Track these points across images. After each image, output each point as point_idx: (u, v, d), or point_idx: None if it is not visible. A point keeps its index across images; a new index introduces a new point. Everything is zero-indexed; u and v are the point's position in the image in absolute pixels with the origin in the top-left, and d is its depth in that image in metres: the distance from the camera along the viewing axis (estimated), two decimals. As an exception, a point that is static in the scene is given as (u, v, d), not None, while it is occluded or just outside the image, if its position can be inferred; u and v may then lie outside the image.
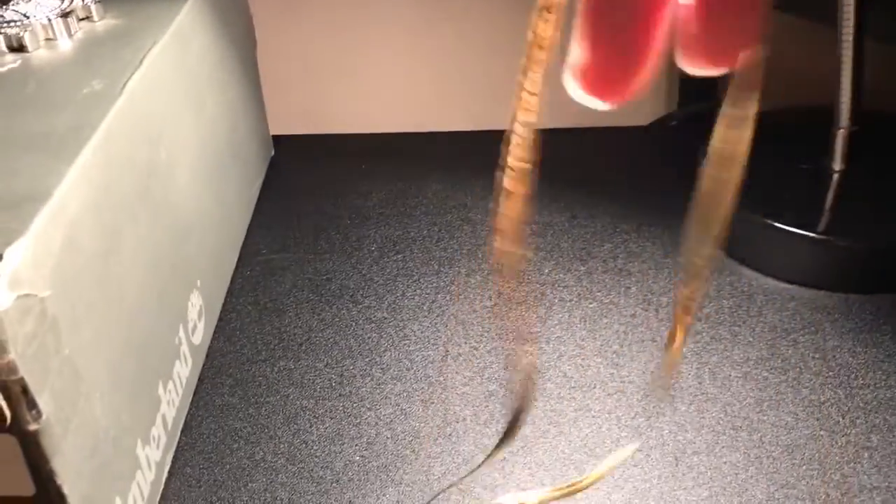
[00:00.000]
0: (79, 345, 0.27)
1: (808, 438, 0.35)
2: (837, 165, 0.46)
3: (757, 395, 0.37)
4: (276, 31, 0.59)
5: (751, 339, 0.40)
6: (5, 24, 0.38)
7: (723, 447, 0.35)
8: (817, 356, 0.39)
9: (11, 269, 0.23)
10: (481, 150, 0.59)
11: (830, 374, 0.38)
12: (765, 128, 0.55)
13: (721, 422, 0.36)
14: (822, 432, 0.35)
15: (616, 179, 0.54)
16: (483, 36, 0.60)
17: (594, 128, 0.60)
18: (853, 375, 0.38)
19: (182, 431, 0.37)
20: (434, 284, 0.45)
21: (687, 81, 0.59)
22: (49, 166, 0.28)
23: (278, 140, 0.58)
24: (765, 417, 0.36)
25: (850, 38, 0.43)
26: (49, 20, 0.39)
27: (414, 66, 0.62)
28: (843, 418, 0.36)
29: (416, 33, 0.61)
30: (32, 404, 0.24)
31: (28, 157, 0.29)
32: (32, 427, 0.24)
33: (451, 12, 0.59)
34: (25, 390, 0.24)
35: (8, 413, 0.24)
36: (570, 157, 0.56)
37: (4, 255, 0.24)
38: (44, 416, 0.24)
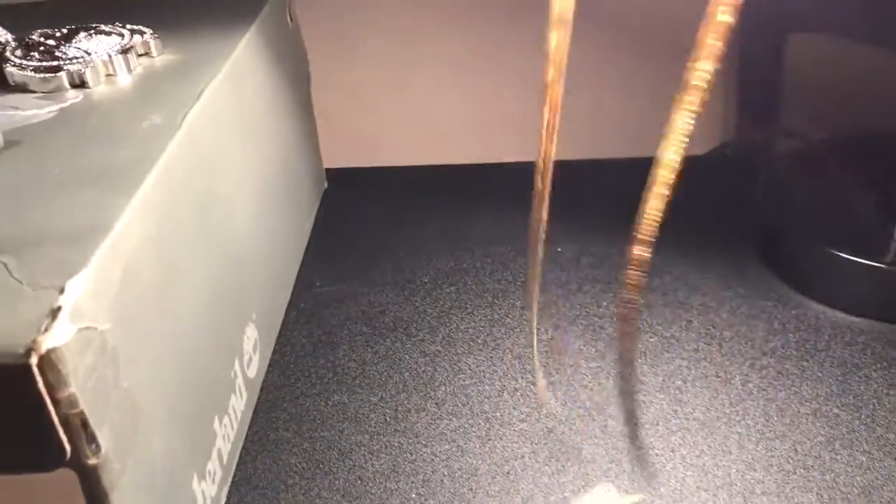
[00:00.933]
0: (137, 378, 0.27)
1: (886, 479, 0.33)
2: (906, 194, 0.45)
3: (828, 433, 0.36)
4: (329, 64, 0.59)
5: (820, 375, 0.39)
6: (67, 62, 0.39)
7: (794, 487, 0.33)
8: (892, 393, 0.38)
9: (73, 302, 0.23)
10: (528, 181, 0.59)
11: (906, 411, 0.36)
12: (832, 156, 0.54)
13: (791, 461, 0.35)
14: (899, 473, 0.34)
15: (672, 210, 0.53)
16: (531, 68, 0.60)
17: (649, 157, 0.59)
18: (931, 413, 0.36)
19: (237, 466, 0.36)
20: (488, 317, 0.44)
21: (744, 110, 0.58)
22: (110, 199, 0.28)
23: (331, 173, 0.58)
24: (837, 457, 0.35)
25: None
26: (109, 56, 0.39)
27: (463, 99, 0.62)
28: (922, 458, 0.34)
29: (464, 67, 0.61)
30: (92, 438, 0.24)
31: (89, 191, 0.29)
32: (92, 461, 0.24)
33: (500, 46, 0.59)
34: (85, 424, 0.23)
35: (68, 447, 0.23)
36: (624, 188, 0.55)
37: (66, 288, 0.24)
38: (103, 451, 0.24)
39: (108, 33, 0.42)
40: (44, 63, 0.39)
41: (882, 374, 0.39)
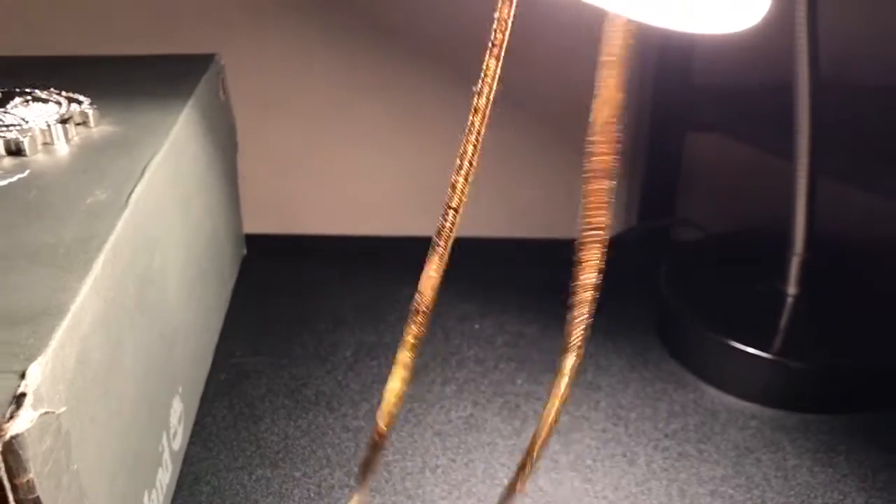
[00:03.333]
0: (84, 460, 0.27)
1: (776, 558, 0.37)
2: (792, 290, 0.49)
3: (725, 514, 0.39)
4: (251, 131, 0.60)
5: (716, 457, 0.42)
6: (4, 128, 0.39)
7: (695, 566, 0.36)
8: (779, 475, 0.41)
9: (35, 388, 0.24)
10: (452, 256, 0.61)
11: (792, 493, 0.40)
12: (725, 251, 0.59)
13: (693, 540, 0.37)
14: (788, 552, 0.37)
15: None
16: (454, 146, 0.63)
17: (559, 239, 0.63)
18: (813, 495, 0.40)
19: (160, 542, 0.36)
20: (409, 393, 0.46)
21: (646, 199, 0.63)
22: (62, 280, 0.29)
23: (250, 239, 0.59)
24: (733, 536, 0.38)
25: (805, 173, 0.46)
26: (48, 125, 0.40)
27: (386, 172, 0.64)
28: (807, 538, 0.38)
29: (391, 139, 0.63)
30: (44, 524, 0.24)
31: (39, 270, 0.29)
32: (41, 546, 0.24)
33: (424, 118, 0.62)
34: (38, 510, 0.24)
35: (20, 533, 0.23)
36: (536, 267, 0.58)
37: (28, 373, 0.24)
38: (52, 536, 0.24)
39: (45, 100, 0.42)
40: (-19, 130, 0.39)
41: (771, 457, 0.42)
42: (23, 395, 0.23)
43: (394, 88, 0.61)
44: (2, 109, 0.41)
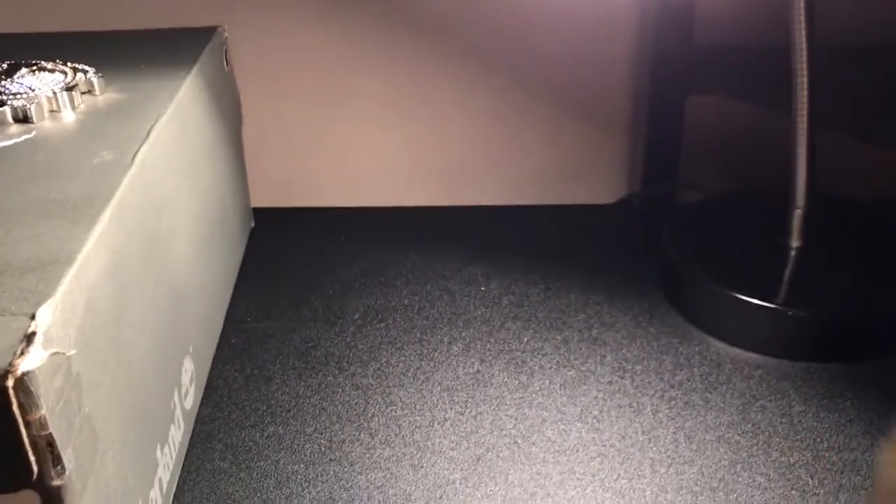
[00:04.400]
0: (96, 404, 0.28)
1: (781, 498, 0.37)
2: (794, 243, 0.50)
3: (731, 458, 0.39)
4: (258, 105, 0.61)
5: (722, 405, 0.42)
6: (11, 97, 0.40)
7: (701, 507, 0.37)
8: (784, 421, 0.41)
9: (45, 328, 0.25)
10: (455, 224, 0.62)
11: (798, 437, 0.40)
12: (728, 210, 0.59)
13: (699, 483, 0.38)
14: (793, 492, 0.37)
15: (585, 254, 0.56)
16: (456, 117, 0.63)
17: (562, 205, 0.63)
18: (819, 439, 0.40)
19: (175, 496, 0.37)
20: (417, 352, 0.47)
21: (649, 163, 0.63)
22: (69, 231, 0.29)
23: (258, 212, 0.60)
24: (739, 479, 0.38)
25: (804, 126, 0.46)
26: (54, 93, 0.40)
27: (390, 144, 0.64)
28: (812, 479, 0.38)
29: (393, 110, 0.63)
30: (58, 460, 0.25)
31: (47, 223, 0.30)
32: (56, 483, 0.25)
33: (428, 90, 0.62)
34: (52, 446, 0.24)
35: (35, 468, 0.24)
36: (541, 232, 0.59)
37: (37, 315, 0.25)
38: (67, 472, 0.25)
39: (51, 70, 0.43)
40: (-12, 98, 0.39)
41: (776, 404, 0.42)
42: (33, 333, 0.24)
43: (396, 61, 0.62)
44: (8, 79, 0.41)
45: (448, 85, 0.62)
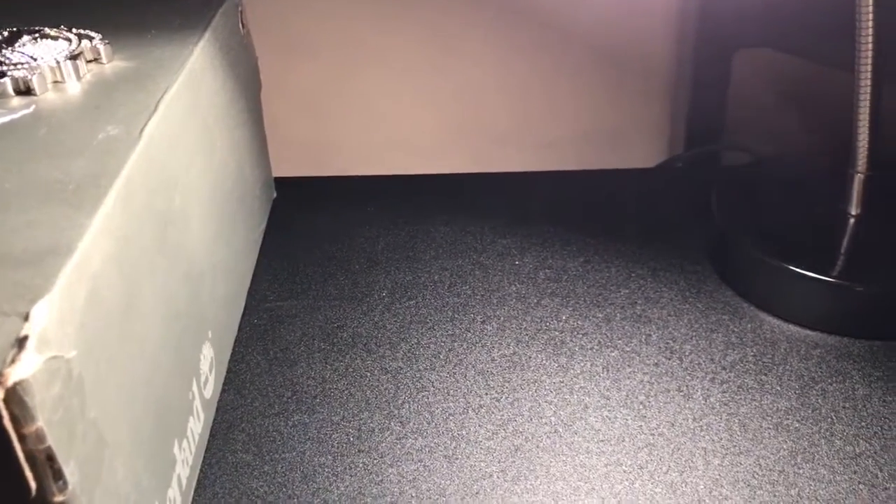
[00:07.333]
0: (103, 406, 0.25)
1: (847, 493, 0.34)
2: (854, 210, 0.46)
3: (791, 447, 0.36)
4: (279, 71, 0.58)
5: (779, 389, 0.39)
6: (12, 67, 0.37)
7: (760, 503, 0.34)
8: (848, 406, 0.38)
9: (39, 330, 0.22)
10: (487, 191, 0.59)
11: (863, 424, 0.37)
12: (779, 173, 0.55)
13: (757, 476, 0.35)
14: (860, 486, 0.34)
15: (626, 222, 0.53)
16: (487, 78, 0.60)
17: (601, 170, 0.60)
18: (886, 426, 0.37)
19: (195, 491, 0.35)
20: (449, 332, 0.44)
21: (693, 124, 0.59)
22: (70, 217, 0.27)
23: (280, 182, 0.57)
24: (800, 471, 0.35)
25: (868, 83, 0.42)
26: (57, 62, 0.38)
27: (418, 108, 0.61)
28: (881, 471, 0.35)
29: (419, 75, 0.60)
30: (59, 475, 0.22)
31: (47, 208, 0.28)
32: (58, 499, 0.23)
33: (458, 50, 0.59)
34: (52, 459, 0.22)
35: (33, 484, 0.22)
36: (578, 200, 0.55)
37: (32, 314, 0.22)
38: (70, 487, 0.23)
39: (55, 37, 0.40)
40: (-13, 68, 0.37)
41: (838, 387, 0.39)
42: (26, 337, 0.22)
43: (425, 19, 0.58)
44: (10, 48, 0.39)
45: (479, 44, 0.59)
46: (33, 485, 0.22)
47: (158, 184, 0.33)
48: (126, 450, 0.27)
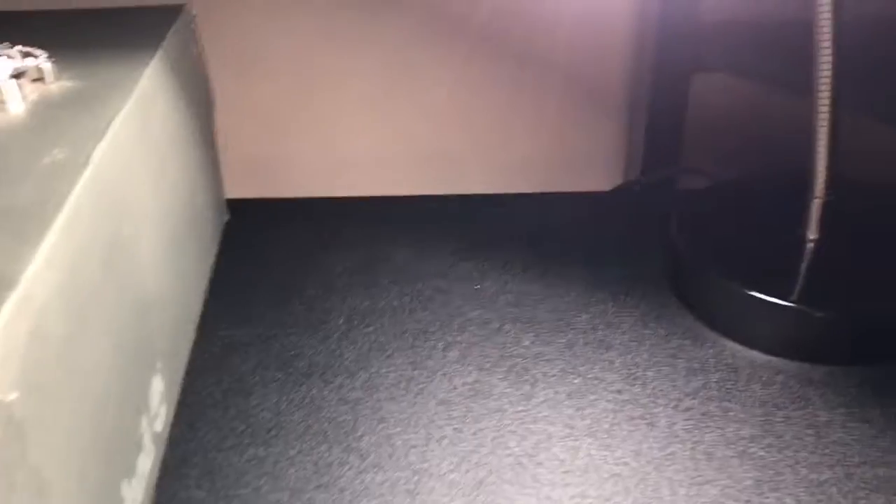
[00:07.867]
0: (46, 449, 0.24)
1: (814, 522, 0.34)
2: (812, 234, 0.46)
3: (756, 476, 0.36)
4: (234, 91, 0.56)
5: (742, 416, 0.39)
6: (-50, 86, 0.35)
7: (727, 534, 0.33)
8: (811, 433, 0.38)
9: (-23, 373, 0.21)
10: (447, 214, 0.58)
11: (826, 451, 0.37)
12: (737, 198, 0.55)
13: (723, 506, 0.35)
14: (826, 515, 0.34)
15: (584, 246, 0.53)
16: (445, 100, 0.59)
17: (559, 193, 0.59)
18: (849, 453, 0.37)
19: (145, 532, 0.33)
20: (410, 360, 0.43)
21: (650, 147, 0.59)
22: (12, 249, 0.25)
23: (233, 204, 0.55)
24: (766, 500, 0.35)
25: (827, 109, 0.43)
26: (-1, 81, 0.36)
27: (375, 130, 0.60)
28: (845, 499, 0.35)
29: (377, 96, 0.59)
30: (-3, 528, 0.21)
31: (-13, 237, 0.26)
32: (-4, 554, 0.21)
33: (416, 71, 0.58)
34: (-11, 512, 0.21)
35: (-31, 540, 0.20)
36: (536, 223, 0.55)
37: (-32, 356, 0.21)
38: (9, 541, 0.21)
39: (-4, 55, 0.38)
40: (-77, 88, 0.35)
41: (801, 413, 0.39)
42: (-39, 381, 0.20)
43: (382, 40, 0.57)
44: (-52, 66, 0.37)
45: (437, 66, 0.58)
46: (-31, 540, 0.20)
47: (107, 210, 0.32)
48: (71, 494, 0.25)
